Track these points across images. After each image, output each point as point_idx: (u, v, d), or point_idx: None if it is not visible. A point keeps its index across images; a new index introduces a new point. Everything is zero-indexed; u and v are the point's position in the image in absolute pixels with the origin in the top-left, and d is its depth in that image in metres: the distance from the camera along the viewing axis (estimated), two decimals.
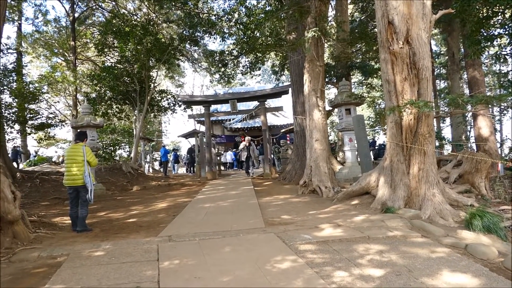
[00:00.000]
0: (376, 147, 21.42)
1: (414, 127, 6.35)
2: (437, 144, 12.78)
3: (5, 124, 12.68)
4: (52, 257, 4.65)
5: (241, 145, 18.16)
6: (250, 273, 3.77)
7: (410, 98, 6.18)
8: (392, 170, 6.58)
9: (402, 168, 6.45)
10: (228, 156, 27.47)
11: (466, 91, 16.96)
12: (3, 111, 12.62)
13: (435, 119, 6.87)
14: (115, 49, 19.58)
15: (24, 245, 5.27)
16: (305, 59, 10.19)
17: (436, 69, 20.94)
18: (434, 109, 6.50)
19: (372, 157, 17.55)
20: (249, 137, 18.18)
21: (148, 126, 32.32)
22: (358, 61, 16.83)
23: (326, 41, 10.69)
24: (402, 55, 6.23)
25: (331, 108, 14.84)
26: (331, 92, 29.00)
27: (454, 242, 4.55)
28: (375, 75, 16.36)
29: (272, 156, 19.85)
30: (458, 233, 4.90)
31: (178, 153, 29.27)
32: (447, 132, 25.01)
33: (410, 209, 6.07)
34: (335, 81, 17.06)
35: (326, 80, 16.15)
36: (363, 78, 17.81)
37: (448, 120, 19.10)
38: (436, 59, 21.54)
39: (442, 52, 23.31)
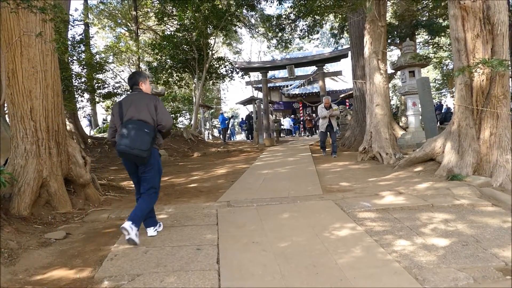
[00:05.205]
0: (443, 111, 20.28)
1: (486, 89, 5.85)
2: None
3: (75, 93, 13.46)
4: (120, 219, 4.94)
5: (321, 110, 10.73)
6: (308, 239, 3.76)
7: (482, 57, 5.68)
8: (460, 135, 6.17)
9: (471, 133, 6.02)
10: (286, 123, 27.41)
11: None
12: (74, 81, 13.36)
13: (510, 79, 6.28)
14: (174, 17, 19.82)
15: (95, 206, 5.67)
16: (366, 20, 9.69)
17: None
18: (510, 68, 5.94)
19: (438, 122, 16.66)
20: (329, 97, 11.31)
21: (207, 94, 32.88)
22: (424, 19, 15.71)
23: None
24: (474, 9, 5.69)
25: (393, 71, 14.14)
26: (394, 54, 27.52)
27: None
28: (443, 34, 15.21)
29: None
30: None
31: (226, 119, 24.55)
32: None
33: (479, 177, 5.70)
34: (398, 42, 16.16)
35: (388, 41, 15.32)
36: (429, 38, 16.67)
37: None
38: None
39: None
